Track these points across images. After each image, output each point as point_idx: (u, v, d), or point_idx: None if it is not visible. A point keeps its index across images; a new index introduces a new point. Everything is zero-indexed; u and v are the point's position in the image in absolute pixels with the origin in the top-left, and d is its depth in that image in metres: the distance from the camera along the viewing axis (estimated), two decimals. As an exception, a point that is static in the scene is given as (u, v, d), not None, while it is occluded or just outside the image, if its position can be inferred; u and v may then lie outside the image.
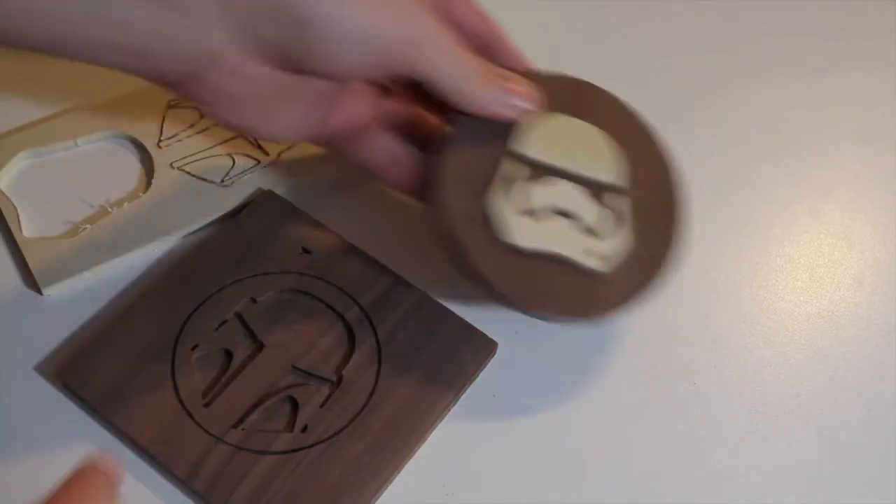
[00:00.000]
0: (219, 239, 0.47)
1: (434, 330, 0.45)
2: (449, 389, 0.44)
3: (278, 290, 0.46)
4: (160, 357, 0.43)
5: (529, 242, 0.42)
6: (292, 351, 0.44)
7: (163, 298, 0.45)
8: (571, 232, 0.43)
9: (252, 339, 0.44)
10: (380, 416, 0.42)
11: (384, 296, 0.46)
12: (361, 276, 0.46)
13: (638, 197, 0.45)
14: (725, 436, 0.46)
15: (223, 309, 0.45)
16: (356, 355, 0.44)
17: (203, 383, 0.43)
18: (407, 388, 0.43)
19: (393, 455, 0.42)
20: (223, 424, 0.41)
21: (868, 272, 0.52)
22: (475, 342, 0.45)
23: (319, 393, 0.43)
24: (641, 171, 0.45)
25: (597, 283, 0.43)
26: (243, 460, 0.41)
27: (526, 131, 0.43)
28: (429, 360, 0.44)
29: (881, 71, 0.61)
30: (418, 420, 0.43)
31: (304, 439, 0.41)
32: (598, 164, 0.44)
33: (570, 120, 0.45)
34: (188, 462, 0.40)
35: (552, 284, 0.42)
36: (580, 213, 0.43)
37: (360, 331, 0.45)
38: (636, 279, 0.44)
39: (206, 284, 0.45)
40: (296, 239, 0.47)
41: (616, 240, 0.44)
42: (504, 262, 0.42)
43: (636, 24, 0.62)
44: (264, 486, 0.40)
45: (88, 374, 0.42)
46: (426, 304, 0.46)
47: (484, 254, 0.41)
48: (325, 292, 0.46)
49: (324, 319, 0.45)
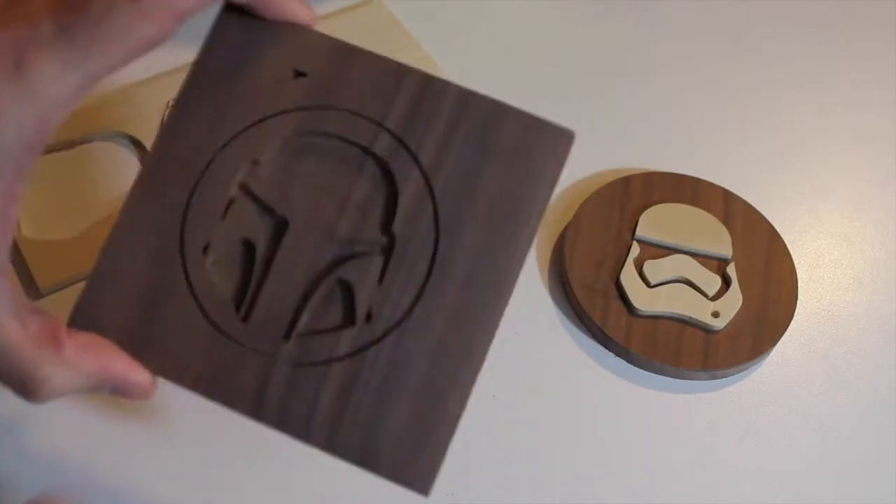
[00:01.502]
0: (188, 94, 0.36)
1: (490, 135, 0.35)
2: (529, 213, 0.34)
3: (282, 140, 0.35)
4: (169, 273, 0.34)
5: (653, 308, 0.48)
6: (323, 216, 0.35)
7: (148, 197, 0.35)
8: (689, 295, 0.48)
9: (270, 214, 0.35)
10: (453, 276, 0.34)
11: (414, 106, 0.35)
12: (377, 86, 0.35)
13: (743, 264, 0.50)
14: (725, 436, 0.46)
15: (222, 184, 0.35)
16: (402, 199, 0.34)
17: (230, 291, 0.35)
18: (477, 227, 0.34)
19: (481, 321, 0.33)
20: (271, 337, 0.34)
21: (868, 272, 0.52)
22: (544, 136, 0.35)
23: (372, 264, 0.34)
24: (745, 241, 0.51)
25: (715, 338, 0.48)
26: (309, 377, 0.33)
27: (646, 218, 0.51)
28: (494, 179, 0.34)
29: (881, 71, 0.61)
30: (502, 266, 0.34)
31: (371, 331, 0.34)
32: (707, 240, 0.50)
33: (681, 206, 0.52)
34: (247, 395, 0.34)
35: (675, 341, 0.47)
36: (694, 280, 0.49)
37: (398, 164, 0.35)
38: (747, 332, 0.48)
39: (191, 160, 0.35)
40: (282, 59, 0.36)
41: (726, 300, 0.48)
42: (627, 324, 0.47)
43: (636, 26, 0.62)
44: (344, 401, 0.33)
45: (100, 317, 0.35)
46: (471, 101, 0.35)
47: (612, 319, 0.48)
48: (341, 125, 0.35)
49: (349, 161, 0.35)
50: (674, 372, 0.47)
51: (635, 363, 0.47)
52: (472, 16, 0.61)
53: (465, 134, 0.35)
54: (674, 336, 0.47)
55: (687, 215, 0.51)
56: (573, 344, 0.48)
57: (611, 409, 0.46)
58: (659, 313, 0.48)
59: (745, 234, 0.51)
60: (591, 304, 0.48)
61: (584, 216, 0.51)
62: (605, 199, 0.52)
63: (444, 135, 0.35)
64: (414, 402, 0.33)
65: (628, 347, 0.47)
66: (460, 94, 0.35)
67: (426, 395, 0.33)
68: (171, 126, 0.35)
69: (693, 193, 0.52)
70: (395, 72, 0.35)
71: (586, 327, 0.48)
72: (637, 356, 0.47)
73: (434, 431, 0.33)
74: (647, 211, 0.51)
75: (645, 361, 0.47)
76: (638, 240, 0.50)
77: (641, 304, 0.48)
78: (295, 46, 0.36)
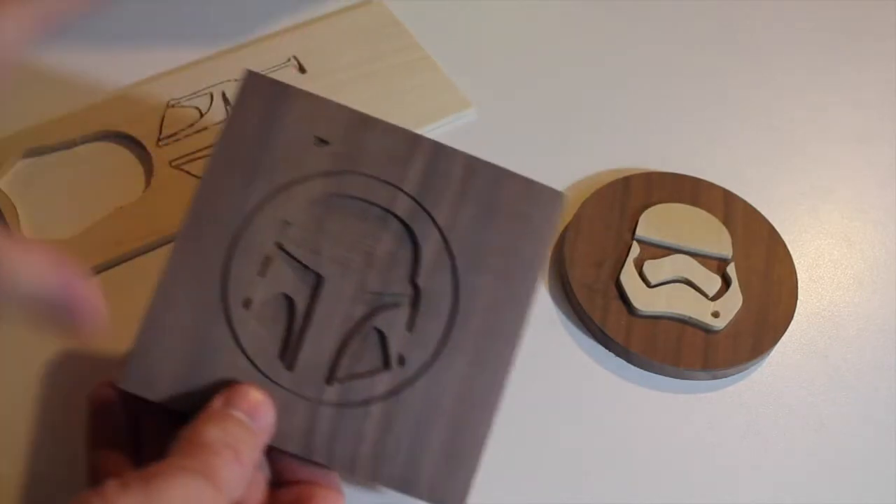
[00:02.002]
0: (219, 156, 0.39)
1: (495, 197, 0.39)
2: (532, 266, 0.39)
3: (310, 202, 0.39)
4: (215, 329, 0.37)
5: (653, 308, 0.48)
6: (354, 271, 0.39)
7: (188, 258, 0.38)
8: (689, 295, 0.48)
9: (305, 271, 0.39)
10: (471, 322, 0.38)
11: (428, 171, 0.39)
12: (393, 153, 0.39)
13: (743, 264, 0.50)
14: (725, 436, 0.46)
15: (259, 244, 0.38)
16: (423, 255, 0.39)
17: (274, 342, 0.38)
18: (489, 278, 0.39)
19: (499, 359, 0.38)
20: (316, 383, 0.38)
21: (868, 272, 0.52)
22: (540, 198, 0.40)
23: (401, 313, 0.38)
24: (745, 242, 0.51)
25: (715, 338, 0.48)
26: (352, 416, 0.37)
27: (646, 218, 0.51)
28: (500, 235, 0.39)
29: (881, 71, 0.61)
30: (513, 310, 0.38)
31: (404, 374, 0.38)
32: (707, 240, 0.50)
33: (680, 206, 0.52)
34: (298, 436, 0.37)
35: (675, 341, 0.47)
36: (695, 280, 0.49)
37: (418, 223, 0.39)
38: (748, 332, 0.48)
39: (226, 221, 0.38)
40: (305, 128, 0.39)
41: (726, 300, 0.48)
42: (628, 324, 0.48)
43: (636, 25, 0.62)
44: (384, 438, 0.37)
45: (149, 376, 0.37)
46: (476, 167, 0.40)
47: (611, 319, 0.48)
48: (363, 188, 0.39)
49: (372, 221, 0.39)
50: (674, 372, 0.47)
51: (635, 363, 0.47)
52: (472, 15, 0.61)
53: (474, 197, 0.39)
54: (674, 336, 0.47)
55: (687, 215, 0.51)
56: (573, 344, 0.48)
57: (611, 409, 0.46)
58: (659, 313, 0.48)
59: (745, 234, 0.51)
60: (591, 304, 0.48)
61: (584, 216, 0.51)
62: (605, 199, 0.52)
63: (456, 197, 0.39)
64: (446, 433, 0.37)
65: (628, 347, 0.47)
66: (468, 161, 0.40)
67: (456, 427, 0.38)
68: (205, 190, 0.39)
69: (693, 193, 0.52)
70: (410, 140, 0.40)
71: (586, 327, 0.48)
72: (637, 356, 0.47)
73: (464, 457, 0.38)
74: (647, 211, 0.51)
75: (645, 361, 0.47)
76: (638, 240, 0.50)
77: (641, 304, 0.48)
78: (316, 115, 0.40)
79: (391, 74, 0.56)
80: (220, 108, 0.53)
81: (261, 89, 0.40)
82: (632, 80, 0.59)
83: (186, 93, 0.54)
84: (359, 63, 0.56)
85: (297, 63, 0.56)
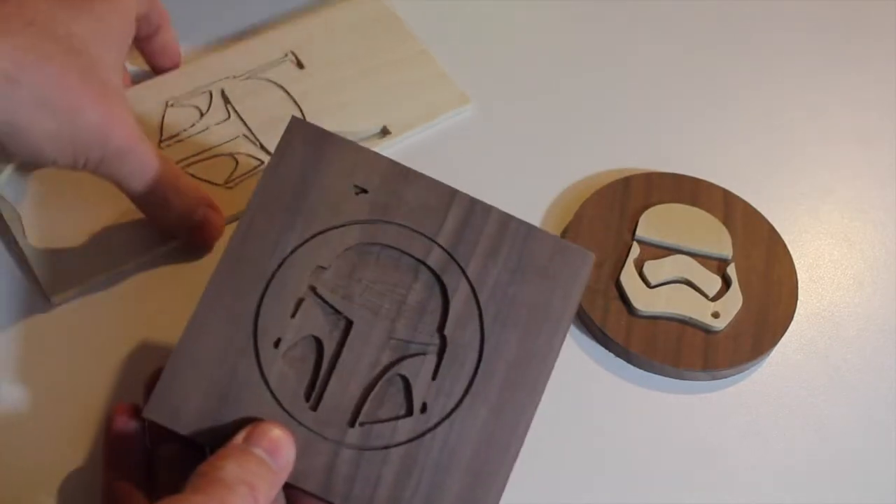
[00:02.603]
0: (259, 199, 0.40)
1: (525, 255, 0.40)
2: (559, 322, 0.40)
3: (345, 248, 0.40)
4: (244, 364, 0.38)
5: (653, 308, 0.48)
6: (383, 318, 0.39)
7: (222, 295, 0.39)
8: (689, 295, 0.49)
9: (336, 315, 0.40)
10: (496, 373, 0.39)
11: (462, 226, 0.40)
12: (430, 206, 0.40)
13: (743, 264, 0.50)
14: (725, 436, 0.46)
15: (293, 287, 0.39)
16: (452, 306, 0.39)
17: (300, 383, 0.39)
18: (515, 332, 0.39)
19: (519, 412, 0.39)
20: (338, 425, 0.38)
21: (868, 272, 0.52)
22: (570, 258, 0.40)
23: (427, 362, 0.39)
24: (745, 242, 0.51)
25: (715, 338, 0.48)
26: (372, 460, 0.38)
27: (646, 218, 0.51)
28: (529, 292, 0.40)
29: (881, 71, 0.61)
30: (536, 367, 0.39)
31: (426, 421, 0.38)
32: (707, 240, 0.51)
33: (680, 206, 0.52)
34: (317, 475, 0.38)
35: (675, 341, 0.47)
36: (695, 280, 0.49)
37: (449, 276, 0.40)
38: (748, 333, 0.48)
39: (262, 262, 0.39)
40: (345, 176, 0.40)
41: (726, 300, 0.49)
42: (627, 324, 0.48)
43: (637, 25, 0.62)
44: (402, 483, 0.38)
45: (175, 407, 0.38)
46: (509, 224, 0.40)
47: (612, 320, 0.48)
48: (398, 237, 0.40)
49: (405, 270, 0.40)
50: (674, 372, 0.47)
51: (635, 363, 0.47)
52: (472, 12, 0.61)
53: (505, 252, 0.40)
54: (674, 336, 0.47)
55: (687, 215, 0.51)
56: (573, 344, 0.48)
57: (611, 409, 0.46)
58: (659, 314, 0.48)
59: (745, 235, 0.51)
60: (591, 304, 0.48)
61: (584, 216, 0.51)
62: (605, 199, 0.52)
63: (487, 252, 0.40)
64: (463, 482, 0.38)
65: (628, 347, 0.47)
66: (501, 217, 0.40)
67: (474, 476, 0.38)
68: (245, 229, 0.40)
69: (693, 193, 0.52)
70: (446, 194, 0.40)
71: (586, 327, 0.49)
72: (637, 356, 0.47)
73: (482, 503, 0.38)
74: (647, 211, 0.51)
75: (645, 362, 0.47)
76: (638, 240, 0.50)
77: (641, 305, 0.48)
78: (355, 164, 0.41)
79: (390, 71, 0.56)
80: (220, 106, 0.53)
81: (304, 135, 0.41)
82: (632, 80, 0.59)
83: (185, 91, 0.53)
84: (357, 58, 0.56)
85: (295, 58, 0.55)
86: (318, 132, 0.41)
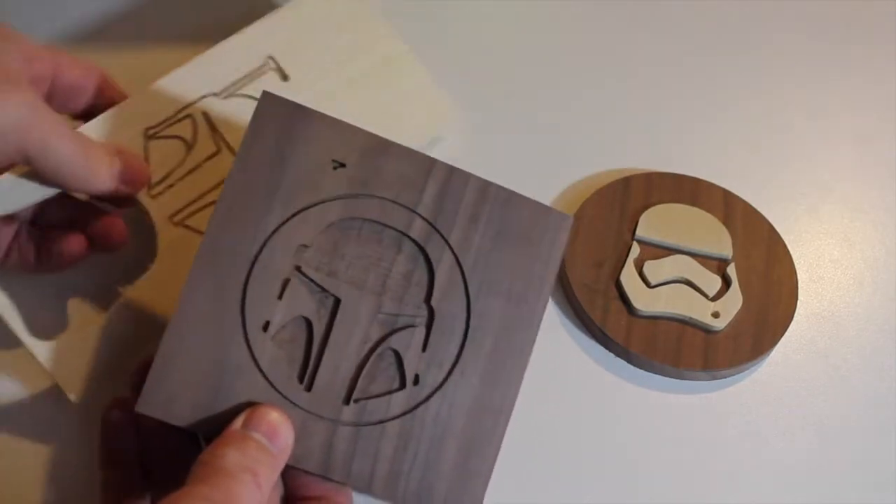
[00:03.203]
0: (234, 181, 0.39)
1: (506, 220, 0.40)
2: (542, 286, 0.40)
3: (327, 225, 0.39)
4: (234, 350, 0.38)
5: (653, 308, 0.48)
6: (370, 293, 0.39)
7: (206, 283, 0.38)
8: (689, 295, 0.49)
9: (323, 292, 0.39)
10: (483, 341, 0.39)
11: (442, 195, 0.40)
12: (409, 177, 0.40)
13: (743, 264, 0.50)
14: (725, 436, 0.46)
15: (277, 268, 0.39)
16: (438, 277, 0.39)
17: (292, 364, 0.39)
18: (500, 298, 0.39)
19: (509, 377, 0.39)
20: (333, 404, 0.38)
21: (868, 272, 0.52)
22: (550, 221, 0.40)
23: (416, 334, 0.39)
24: (745, 242, 0.51)
25: (715, 338, 0.48)
26: (369, 435, 0.38)
27: (647, 218, 0.51)
28: (511, 258, 0.40)
29: (881, 71, 0.61)
30: (522, 332, 0.39)
31: (419, 392, 0.39)
32: (707, 240, 0.51)
33: (680, 206, 0.52)
34: (316, 455, 0.38)
35: (675, 341, 0.48)
36: (695, 280, 0.49)
37: (432, 246, 0.40)
38: (748, 332, 0.48)
39: (244, 246, 0.39)
40: (322, 151, 0.40)
41: (727, 300, 0.49)
42: (627, 324, 0.48)
43: (636, 25, 0.62)
44: (400, 455, 0.38)
45: (168, 400, 0.37)
46: (488, 189, 0.40)
47: (611, 320, 0.48)
48: (379, 211, 0.40)
49: (388, 243, 0.40)
50: (674, 372, 0.47)
51: (635, 363, 0.47)
52: (470, 13, 0.61)
53: (486, 219, 0.40)
54: (674, 336, 0.47)
55: (687, 215, 0.51)
56: (573, 344, 0.48)
57: (611, 409, 0.46)
58: (659, 313, 0.48)
59: (745, 235, 0.51)
60: (591, 304, 0.48)
61: (584, 216, 0.51)
62: (605, 199, 0.52)
63: (468, 220, 0.40)
64: (459, 450, 0.38)
65: (628, 347, 0.47)
66: (480, 183, 0.40)
67: (468, 443, 0.38)
68: (222, 214, 0.39)
69: (693, 193, 0.52)
70: (424, 164, 0.40)
71: (586, 327, 0.48)
72: (637, 356, 0.47)
73: (476, 472, 0.39)
74: (647, 211, 0.51)
75: (645, 361, 0.47)
76: (638, 240, 0.50)
77: (641, 305, 0.48)
78: (332, 138, 0.40)
79: (378, 79, 0.51)
80: (206, 136, 0.47)
81: (277, 111, 0.39)
82: (632, 80, 0.59)
83: (163, 117, 0.47)
84: (341, 63, 0.51)
85: (277, 65, 0.50)
86: (291, 107, 0.39)
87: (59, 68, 0.43)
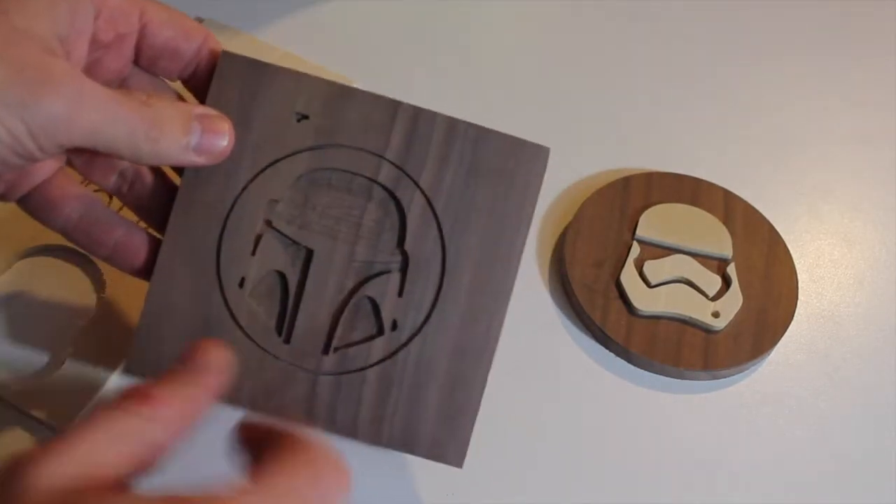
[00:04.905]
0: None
1: (478, 157, 0.39)
2: (519, 221, 0.39)
3: (295, 178, 0.40)
4: (213, 310, 0.39)
5: (653, 308, 0.48)
6: (343, 243, 0.39)
7: (180, 245, 0.39)
8: (689, 295, 0.49)
9: (295, 246, 0.40)
10: (461, 281, 0.39)
11: (410, 137, 0.39)
12: (375, 122, 0.39)
13: (743, 264, 0.50)
14: (725, 436, 0.46)
15: (248, 224, 0.39)
16: (409, 220, 0.39)
17: (270, 318, 0.39)
18: (476, 236, 0.39)
19: (490, 316, 0.39)
20: (313, 354, 0.39)
21: (868, 272, 0.52)
22: (524, 153, 0.39)
23: (392, 280, 0.39)
24: (745, 242, 0.51)
25: (715, 338, 0.48)
26: (350, 383, 0.39)
27: (647, 218, 0.51)
28: (485, 194, 0.39)
29: (881, 71, 0.61)
30: (501, 269, 0.39)
31: (398, 337, 0.39)
32: (707, 240, 0.51)
33: (680, 206, 0.52)
34: (299, 406, 0.39)
35: (675, 341, 0.48)
36: (695, 280, 0.49)
37: (402, 190, 0.39)
38: (748, 332, 0.48)
39: (215, 204, 0.39)
40: (283, 104, 0.39)
41: (727, 300, 0.49)
42: (628, 324, 0.48)
43: (636, 26, 0.62)
44: (382, 401, 0.39)
45: (155, 360, 0.39)
46: (457, 127, 0.39)
47: (612, 319, 0.48)
48: (347, 159, 0.39)
49: (358, 192, 0.40)
50: (674, 372, 0.47)
51: (635, 363, 0.47)
52: (469, 12, 0.61)
53: (457, 157, 0.39)
54: (674, 336, 0.47)
55: (687, 215, 0.51)
56: (573, 344, 0.48)
57: (611, 409, 0.46)
58: (659, 313, 0.48)
59: (745, 234, 0.51)
60: (591, 304, 0.48)
61: (584, 216, 0.51)
62: (605, 199, 0.52)
63: (438, 159, 0.39)
64: (442, 392, 0.39)
65: (628, 347, 0.47)
66: (448, 122, 0.39)
67: (452, 384, 0.39)
68: (192, 174, 0.39)
69: (693, 193, 0.52)
70: (389, 107, 0.39)
71: (586, 327, 0.49)
72: (637, 356, 0.47)
73: (461, 413, 0.39)
74: (647, 211, 0.51)
75: (645, 361, 0.47)
76: (638, 240, 0.50)
77: (641, 305, 0.48)
78: (293, 91, 0.39)
79: None
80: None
81: (237, 69, 0.39)
82: (632, 80, 0.59)
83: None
84: None
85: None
86: (250, 64, 0.39)
87: (147, 27, 0.39)
